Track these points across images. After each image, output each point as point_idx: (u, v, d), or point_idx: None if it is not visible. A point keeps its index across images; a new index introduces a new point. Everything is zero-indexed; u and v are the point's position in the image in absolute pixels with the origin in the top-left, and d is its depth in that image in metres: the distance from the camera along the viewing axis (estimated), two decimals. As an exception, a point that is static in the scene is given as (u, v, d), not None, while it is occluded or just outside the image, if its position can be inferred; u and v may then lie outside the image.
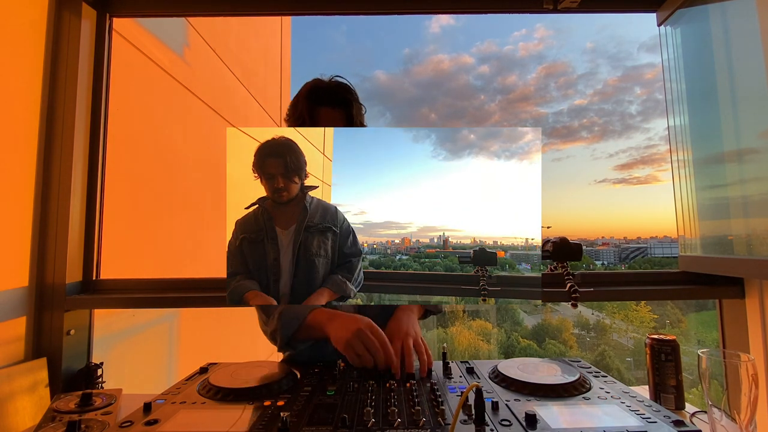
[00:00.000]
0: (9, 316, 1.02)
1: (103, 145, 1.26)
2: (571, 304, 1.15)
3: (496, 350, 17.87)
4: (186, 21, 2.58)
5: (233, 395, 0.75)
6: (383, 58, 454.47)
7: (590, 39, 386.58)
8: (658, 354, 0.93)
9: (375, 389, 0.77)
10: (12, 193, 1.05)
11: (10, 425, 0.90)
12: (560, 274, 1.22)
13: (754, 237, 1.09)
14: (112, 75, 1.31)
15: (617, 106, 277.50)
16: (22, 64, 1.08)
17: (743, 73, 1.11)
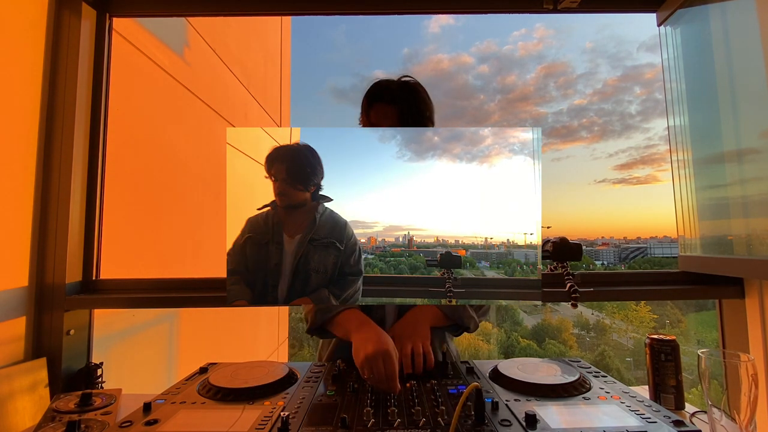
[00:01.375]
0: (9, 316, 1.02)
1: (103, 145, 1.26)
2: (571, 304, 1.15)
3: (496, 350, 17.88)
4: (186, 21, 2.58)
5: (233, 395, 0.75)
6: (382, 57, 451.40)
7: (590, 39, 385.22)
8: (657, 354, 0.93)
9: (375, 389, 0.77)
10: (12, 193, 1.05)
11: (10, 425, 0.90)
12: (560, 274, 1.22)
13: (754, 237, 1.09)
14: (112, 75, 1.31)
15: (617, 105, 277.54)
16: (22, 64, 1.08)
17: (743, 73, 1.11)
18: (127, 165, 1.84)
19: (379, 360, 0.78)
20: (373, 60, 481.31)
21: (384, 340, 0.83)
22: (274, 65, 5.00)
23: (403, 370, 0.86)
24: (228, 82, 3.37)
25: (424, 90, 1.05)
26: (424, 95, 1.04)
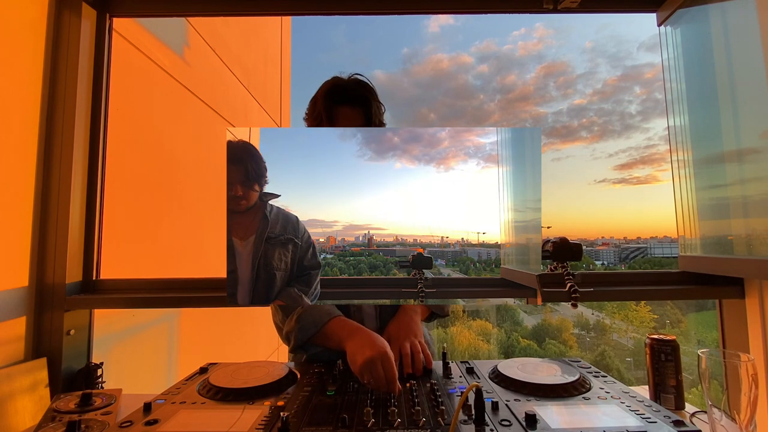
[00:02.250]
0: (9, 316, 1.02)
1: (103, 145, 1.26)
2: (571, 304, 1.15)
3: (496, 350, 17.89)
4: (186, 21, 2.58)
5: (233, 395, 0.75)
6: (382, 57, 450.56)
7: (589, 38, 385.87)
8: (658, 354, 0.93)
9: (376, 391, 0.77)
10: (12, 193, 1.05)
11: (10, 425, 0.90)
12: (560, 274, 1.22)
13: (754, 237, 1.09)
14: (112, 75, 1.31)
15: (617, 105, 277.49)
16: (22, 64, 1.08)
17: (743, 73, 1.10)
18: (127, 165, 1.84)
19: (378, 363, 0.76)
20: (372, 60, 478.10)
21: (380, 343, 0.81)
22: (274, 65, 4.99)
23: (403, 371, 0.86)
24: (228, 82, 3.37)
25: (375, 89, 1.04)
26: (377, 95, 1.03)
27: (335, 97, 0.97)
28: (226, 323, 3.10)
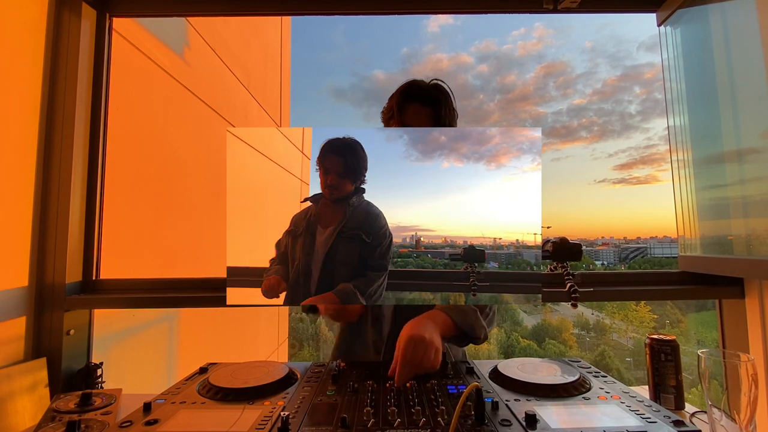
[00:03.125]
0: (9, 316, 1.02)
1: (103, 145, 1.26)
2: (571, 304, 1.15)
3: (496, 350, 17.88)
4: (186, 21, 2.58)
5: (233, 395, 0.75)
6: (382, 57, 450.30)
7: (589, 38, 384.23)
8: (658, 354, 0.93)
9: (375, 389, 0.77)
10: (12, 193, 1.05)
11: (10, 425, 0.90)
12: (560, 274, 1.22)
13: (754, 237, 1.09)
14: (112, 75, 1.31)
15: (616, 105, 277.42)
16: (22, 63, 1.08)
17: (743, 73, 1.11)
18: (127, 165, 1.84)
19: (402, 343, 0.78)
20: (372, 60, 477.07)
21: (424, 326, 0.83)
22: (274, 65, 4.99)
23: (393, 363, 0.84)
24: (228, 82, 3.37)
25: (453, 96, 1.05)
26: (452, 101, 1.05)
27: (408, 94, 1.02)
28: (226, 323, 3.10)
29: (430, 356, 0.77)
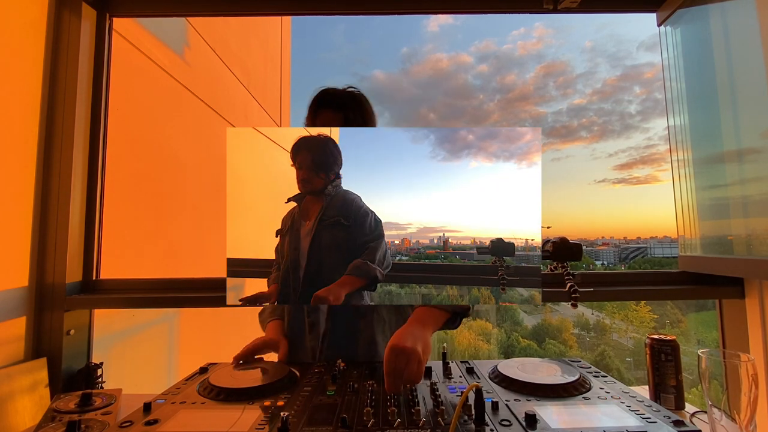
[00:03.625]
0: (9, 316, 1.02)
1: (103, 145, 1.26)
2: (571, 304, 1.15)
3: (496, 350, 17.88)
4: (186, 21, 2.58)
5: (233, 395, 0.75)
6: (381, 57, 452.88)
7: (589, 38, 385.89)
8: (658, 354, 0.93)
9: (375, 389, 0.77)
10: (12, 193, 1.05)
11: (10, 425, 0.90)
12: (560, 274, 1.22)
13: (754, 237, 1.09)
14: (112, 75, 1.31)
15: (616, 105, 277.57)
16: (22, 64, 1.08)
17: (743, 73, 1.11)
18: (127, 165, 1.84)
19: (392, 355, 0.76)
20: (371, 59, 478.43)
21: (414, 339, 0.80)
22: (274, 65, 4.99)
23: None
24: (228, 82, 3.37)
25: (367, 101, 1.08)
26: (367, 105, 1.07)
27: (320, 102, 1.05)
28: (226, 323, 3.10)
29: (413, 368, 0.75)
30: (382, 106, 35.55)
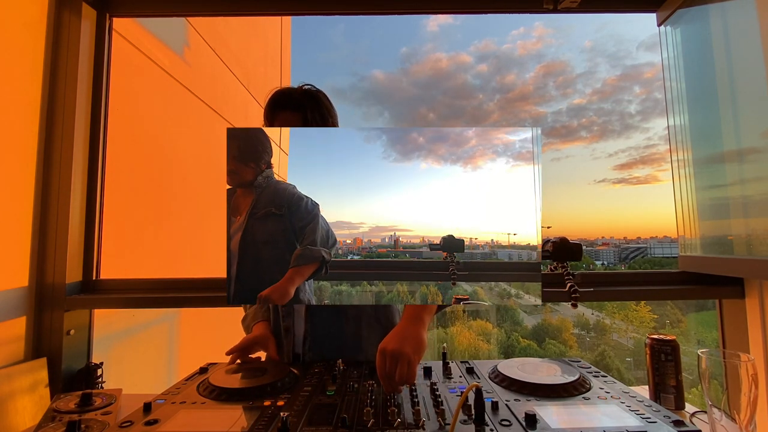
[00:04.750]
0: (9, 316, 1.02)
1: (103, 145, 1.26)
2: (571, 304, 1.15)
3: (496, 350, 17.87)
4: (186, 21, 2.58)
5: (233, 395, 0.75)
6: (381, 56, 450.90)
7: (589, 37, 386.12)
8: (658, 354, 0.93)
9: (375, 389, 0.77)
10: (12, 193, 1.05)
11: (10, 425, 0.90)
12: (560, 274, 1.22)
13: (754, 237, 1.09)
14: (112, 75, 1.31)
15: (616, 105, 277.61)
16: (22, 63, 1.08)
17: (743, 73, 1.10)
18: (127, 165, 1.84)
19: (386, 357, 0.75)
20: (371, 59, 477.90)
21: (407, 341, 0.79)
22: (274, 65, 5.00)
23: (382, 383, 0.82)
24: (228, 82, 3.37)
25: (325, 97, 1.06)
26: (326, 102, 1.05)
27: (276, 103, 1.03)
28: (226, 323, 3.10)
29: (403, 369, 0.74)
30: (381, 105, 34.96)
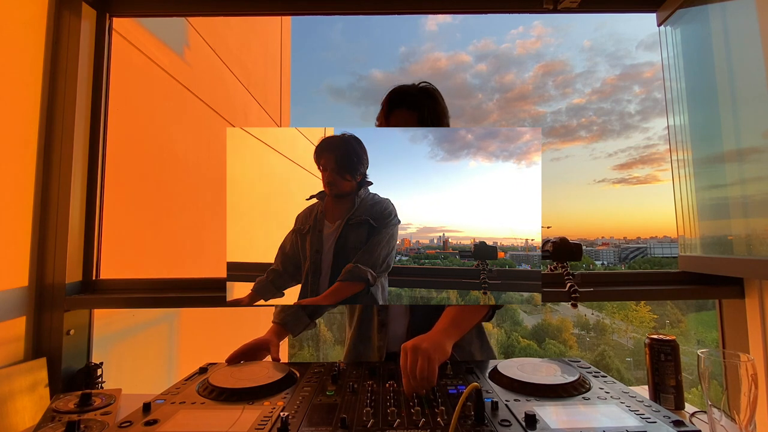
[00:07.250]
0: (9, 316, 1.02)
1: (103, 145, 1.26)
2: (571, 304, 1.15)
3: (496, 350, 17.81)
4: (186, 21, 2.58)
5: (233, 395, 0.75)
6: (380, 56, 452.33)
7: (588, 37, 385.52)
8: (657, 354, 0.92)
9: (375, 389, 0.77)
10: (12, 193, 1.05)
11: (10, 425, 0.90)
12: (560, 274, 1.22)
13: (754, 237, 1.09)
14: (112, 75, 1.31)
15: (616, 105, 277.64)
16: (22, 64, 1.08)
17: (743, 73, 1.10)
18: (127, 165, 1.84)
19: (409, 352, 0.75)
20: (370, 59, 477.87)
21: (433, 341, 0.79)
22: (274, 65, 4.99)
23: None
24: (228, 82, 3.37)
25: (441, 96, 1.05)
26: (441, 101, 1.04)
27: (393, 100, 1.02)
28: (226, 323, 3.10)
29: (423, 365, 0.73)
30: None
